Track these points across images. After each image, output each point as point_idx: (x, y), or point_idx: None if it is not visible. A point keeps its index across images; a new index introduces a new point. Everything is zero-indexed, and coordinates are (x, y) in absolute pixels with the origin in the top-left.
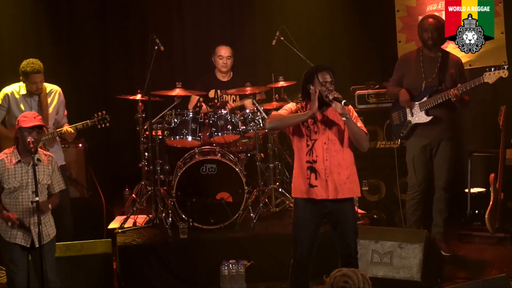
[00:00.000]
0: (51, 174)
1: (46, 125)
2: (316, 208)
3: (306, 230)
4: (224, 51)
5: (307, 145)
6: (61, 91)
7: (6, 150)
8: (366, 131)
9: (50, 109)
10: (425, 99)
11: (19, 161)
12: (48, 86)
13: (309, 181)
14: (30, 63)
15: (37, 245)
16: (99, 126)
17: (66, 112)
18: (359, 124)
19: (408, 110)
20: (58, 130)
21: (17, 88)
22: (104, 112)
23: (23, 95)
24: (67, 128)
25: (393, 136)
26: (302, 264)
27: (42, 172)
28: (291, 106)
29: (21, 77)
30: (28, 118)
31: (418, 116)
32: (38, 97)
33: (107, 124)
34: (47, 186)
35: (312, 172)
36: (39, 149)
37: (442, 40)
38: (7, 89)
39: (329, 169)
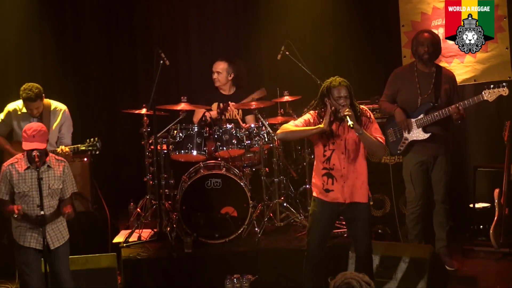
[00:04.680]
0: (63, 179)
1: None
2: (332, 207)
3: (322, 224)
4: (215, 66)
5: (324, 155)
6: (67, 110)
7: (18, 155)
8: (383, 140)
9: (53, 128)
10: (421, 115)
11: (28, 168)
12: (53, 104)
13: (323, 186)
14: (27, 90)
15: (51, 247)
16: (89, 153)
17: (71, 132)
18: (376, 133)
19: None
20: (53, 150)
21: (20, 105)
22: (96, 138)
23: (24, 112)
24: (62, 147)
25: (390, 152)
26: (315, 255)
27: (53, 177)
28: (307, 117)
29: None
30: (28, 136)
31: (415, 133)
32: (39, 115)
33: (97, 152)
34: (59, 191)
35: (329, 178)
36: (50, 154)
37: (437, 55)
38: (10, 106)
39: (346, 176)
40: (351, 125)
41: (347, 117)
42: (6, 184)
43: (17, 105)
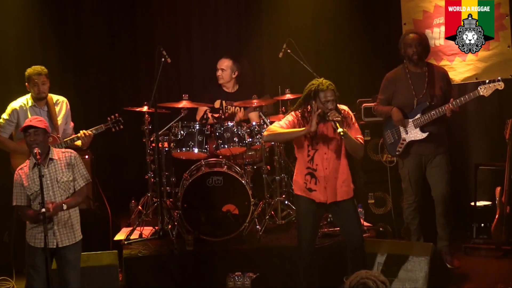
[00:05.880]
0: (72, 169)
1: (57, 135)
2: (316, 203)
3: (309, 221)
4: (219, 63)
5: (308, 155)
6: (67, 102)
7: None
8: (363, 139)
9: (59, 119)
10: (418, 115)
11: (34, 166)
12: (55, 97)
13: (306, 185)
14: (33, 67)
15: (59, 246)
16: (113, 130)
17: (72, 124)
18: (356, 134)
19: (401, 128)
20: (74, 136)
21: (25, 101)
22: (117, 115)
23: (31, 106)
24: (84, 131)
25: (389, 154)
26: (308, 251)
27: (60, 170)
28: (291, 118)
29: (26, 83)
30: (26, 122)
31: (413, 133)
32: (46, 107)
33: (121, 127)
34: (71, 184)
35: (312, 178)
36: (53, 148)
37: (426, 54)
38: (15, 104)
39: (328, 176)
40: (341, 132)
41: (336, 123)
42: (20, 189)
43: (22, 102)
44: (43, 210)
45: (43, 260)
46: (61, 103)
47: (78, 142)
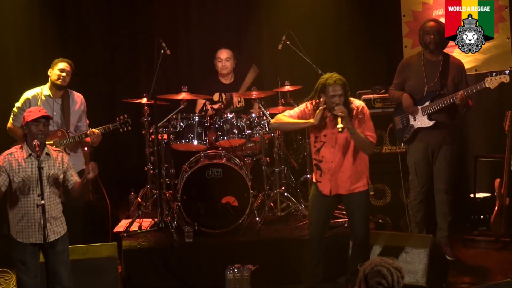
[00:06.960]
0: (64, 169)
1: (67, 129)
2: (324, 194)
3: (321, 209)
4: (222, 54)
5: (315, 146)
6: (84, 99)
7: (16, 146)
8: (374, 138)
9: (72, 114)
10: (427, 103)
11: (29, 155)
12: (72, 92)
13: (315, 175)
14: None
15: (50, 239)
16: (121, 130)
17: (88, 121)
18: (368, 131)
19: (410, 114)
20: (83, 133)
21: (39, 91)
22: (126, 115)
23: (46, 96)
24: (92, 129)
25: (397, 140)
26: (317, 239)
27: (53, 165)
28: (303, 107)
29: (49, 69)
30: (32, 112)
31: (421, 121)
32: (61, 99)
33: (129, 128)
34: (59, 180)
35: (318, 170)
36: (48, 146)
37: (444, 44)
38: (29, 93)
39: (333, 169)
40: (340, 129)
41: (339, 118)
42: (4, 174)
43: (36, 91)
44: (42, 202)
45: (33, 255)
46: (77, 98)
47: (88, 138)
